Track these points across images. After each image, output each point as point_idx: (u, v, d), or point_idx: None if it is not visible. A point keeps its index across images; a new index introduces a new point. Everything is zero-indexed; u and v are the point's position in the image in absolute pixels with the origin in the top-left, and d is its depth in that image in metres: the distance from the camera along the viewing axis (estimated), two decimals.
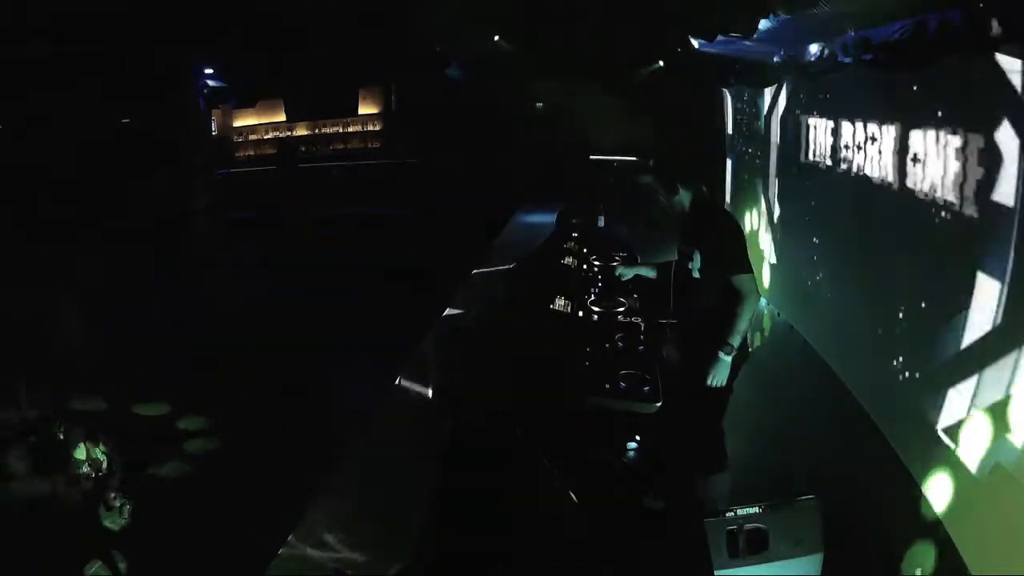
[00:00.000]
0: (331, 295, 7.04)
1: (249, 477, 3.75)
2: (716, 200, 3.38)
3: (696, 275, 3.15)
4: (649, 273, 3.70)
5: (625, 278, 3.75)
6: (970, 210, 3.25)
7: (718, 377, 3.04)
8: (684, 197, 3.19)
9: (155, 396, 4.68)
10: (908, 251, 3.87)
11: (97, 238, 7.58)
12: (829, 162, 5.19)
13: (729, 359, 3.01)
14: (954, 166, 3.39)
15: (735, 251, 3.07)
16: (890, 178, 4.15)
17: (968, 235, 3.27)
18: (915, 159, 3.80)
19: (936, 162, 3.58)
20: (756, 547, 2.66)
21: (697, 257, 3.13)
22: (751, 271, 3.06)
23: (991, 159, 3.06)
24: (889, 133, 4.14)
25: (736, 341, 3.00)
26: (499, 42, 8.95)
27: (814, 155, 5.56)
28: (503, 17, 8.36)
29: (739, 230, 3.21)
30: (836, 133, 5.02)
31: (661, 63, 8.92)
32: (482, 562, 2.08)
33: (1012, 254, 2.89)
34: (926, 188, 3.69)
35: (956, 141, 3.38)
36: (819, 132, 5.41)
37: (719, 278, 3.04)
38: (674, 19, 6.17)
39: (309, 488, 3.49)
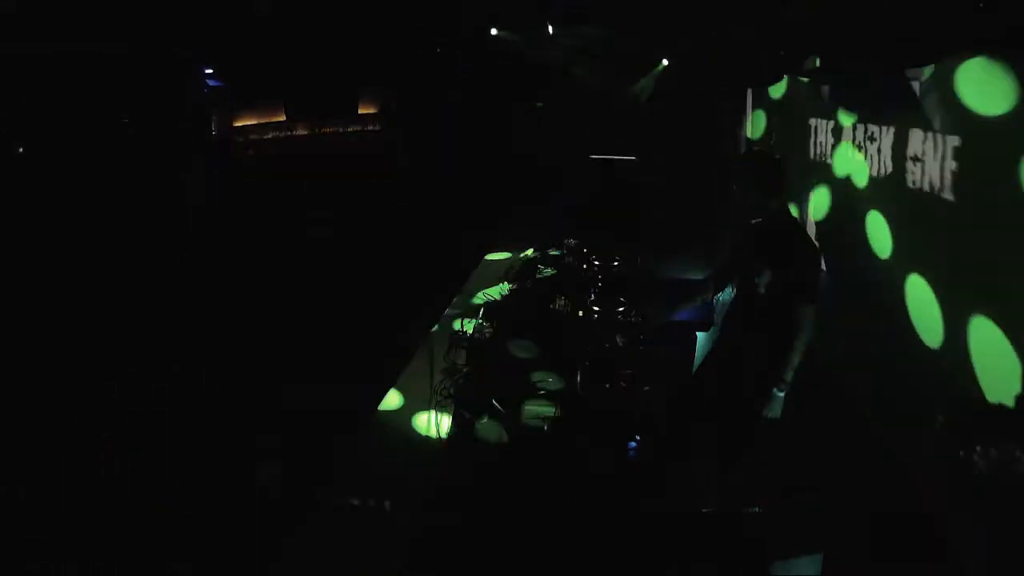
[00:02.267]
0: (330, 294, 7.04)
1: (248, 476, 3.75)
2: (795, 219, 3.11)
3: (762, 290, 2.99)
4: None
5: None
6: (969, 210, 3.26)
7: (772, 412, 2.96)
8: (765, 203, 3.00)
9: (154, 396, 4.68)
10: (908, 250, 3.88)
11: (97, 237, 7.58)
12: (830, 161, 5.19)
13: (783, 395, 2.93)
14: (952, 166, 3.40)
15: (809, 280, 2.91)
16: (891, 177, 4.15)
17: (968, 235, 3.28)
18: (914, 159, 3.81)
19: (934, 163, 3.59)
20: (755, 546, 2.67)
21: (767, 274, 2.96)
22: (815, 303, 2.90)
23: (994, 160, 3.06)
24: (888, 134, 4.15)
25: (790, 376, 2.91)
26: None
27: (815, 155, 5.56)
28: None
29: (819, 258, 3.04)
30: (836, 133, 5.02)
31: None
32: (482, 562, 2.08)
33: (1012, 254, 2.90)
34: (927, 187, 3.70)
35: (953, 142, 3.38)
36: (818, 132, 5.41)
37: (785, 302, 2.89)
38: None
39: (309, 488, 3.49)
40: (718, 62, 6.70)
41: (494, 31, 9.48)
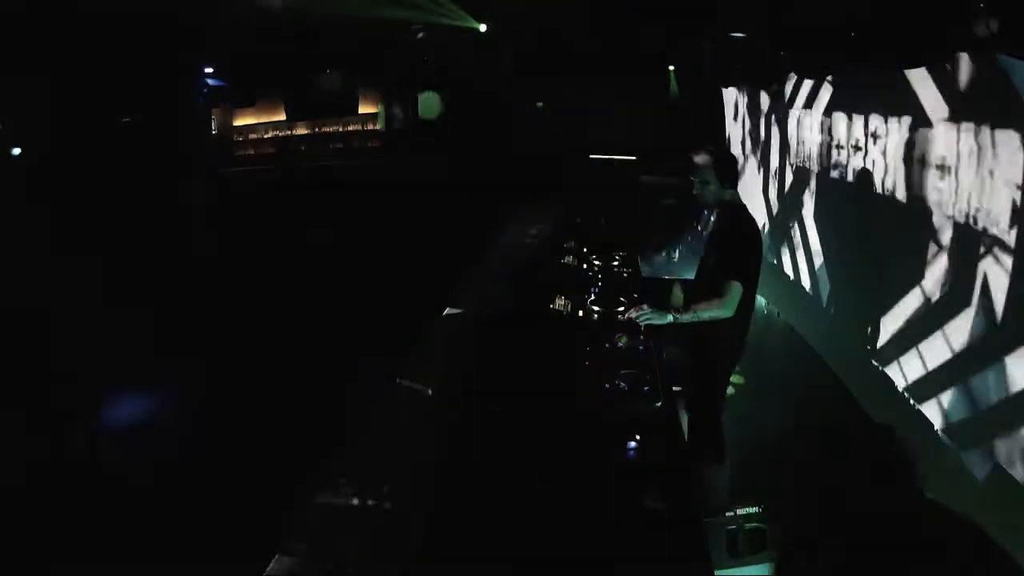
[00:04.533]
0: (330, 294, 7.03)
1: (248, 475, 3.75)
2: (744, 206, 3.37)
3: (707, 275, 3.23)
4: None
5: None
6: (969, 210, 3.26)
7: (644, 319, 3.20)
8: (724, 193, 3.23)
9: (155, 394, 4.68)
10: (908, 252, 3.88)
11: (97, 237, 7.56)
12: (827, 162, 5.19)
13: (668, 318, 3.14)
14: (953, 167, 3.40)
15: (739, 256, 3.09)
16: (890, 178, 4.15)
17: (968, 235, 3.28)
18: (918, 160, 3.81)
19: (935, 162, 3.59)
20: (756, 547, 2.67)
21: (713, 257, 3.19)
22: (742, 283, 3.05)
23: (992, 159, 3.07)
24: (890, 133, 4.15)
25: (685, 317, 3.11)
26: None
27: (813, 155, 5.56)
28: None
29: (755, 241, 3.18)
30: (833, 132, 5.03)
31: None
32: (480, 562, 2.08)
33: (1012, 255, 2.90)
34: (926, 188, 3.70)
35: (955, 141, 3.39)
36: (817, 131, 5.42)
37: (720, 278, 3.07)
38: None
39: (308, 487, 3.49)
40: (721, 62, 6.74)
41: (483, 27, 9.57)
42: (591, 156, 11.79)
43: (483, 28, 10.45)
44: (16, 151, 7.72)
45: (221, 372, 5.09)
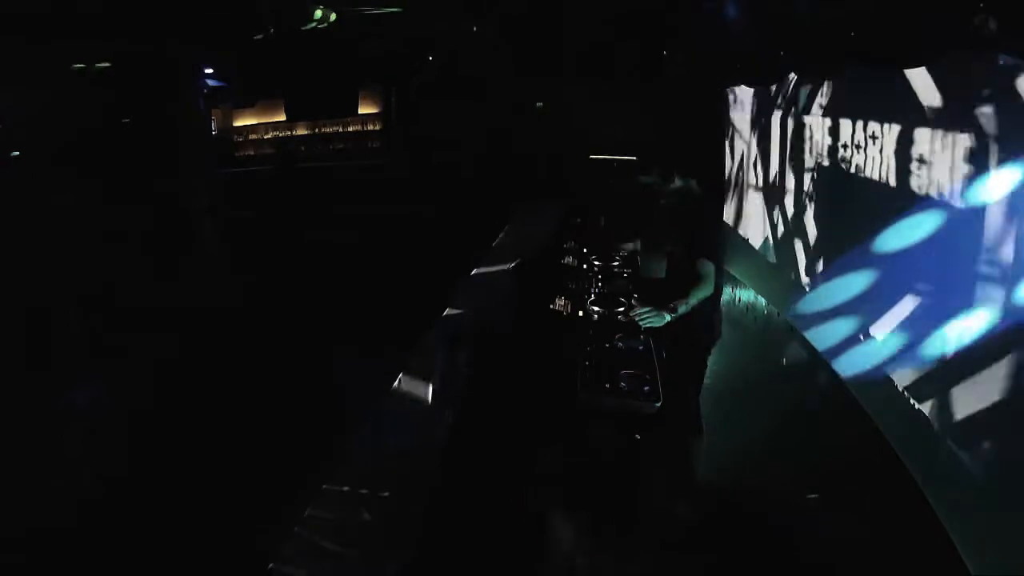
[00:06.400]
0: (331, 295, 7.04)
1: (248, 476, 3.76)
2: (706, 194, 3.63)
3: (679, 254, 3.58)
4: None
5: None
6: (970, 208, 3.26)
7: (648, 321, 3.37)
8: (687, 185, 3.58)
9: (153, 395, 4.69)
10: (907, 250, 3.88)
11: (97, 236, 7.56)
12: (827, 160, 5.19)
13: (667, 318, 3.35)
14: (953, 165, 3.40)
15: (709, 239, 3.43)
16: (888, 177, 4.15)
17: (968, 233, 3.28)
18: (916, 159, 3.81)
19: (934, 161, 3.59)
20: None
21: (686, 239, 3.53)
22: (709, 258, 3.37)
23: (990, 157, 3.07)
24: (889, 132, 4.15)
25: (681, 309, 3.36)
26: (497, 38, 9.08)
27: (811, 153, 5.56)
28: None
29: (720, 223, 3.53)
30: (834, 132, 5.03)
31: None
32: (480, 561, 2.08)
33: (1012, 252, 2.90)
34: (925, 187, 3.70)
35: (954, 140, 3.39)
36: (816, 131, 5.42)
37: (690, 260, 3.40)
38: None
39: (308, 487, 3.49)
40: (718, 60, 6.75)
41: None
42: (591, 156, 11.79)
43: (474, 28, 10.49)
44: (15, 153, 7.72)
45: (222, 372, 5.10)
